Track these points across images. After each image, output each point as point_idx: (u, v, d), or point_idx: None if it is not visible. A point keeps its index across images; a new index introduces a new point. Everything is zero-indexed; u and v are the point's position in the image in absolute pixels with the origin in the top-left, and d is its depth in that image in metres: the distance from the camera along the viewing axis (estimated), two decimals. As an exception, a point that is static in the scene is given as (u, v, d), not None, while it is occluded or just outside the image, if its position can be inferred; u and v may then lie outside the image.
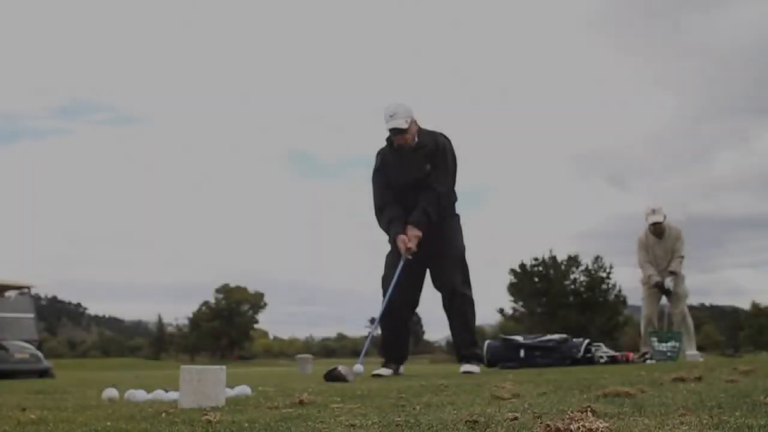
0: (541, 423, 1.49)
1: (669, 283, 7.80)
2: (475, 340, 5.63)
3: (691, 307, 8.26)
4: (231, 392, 3.09)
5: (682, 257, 7.97)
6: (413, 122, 5.37)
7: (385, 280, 5.49)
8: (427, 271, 5.57)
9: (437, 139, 5.42)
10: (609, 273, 45.75)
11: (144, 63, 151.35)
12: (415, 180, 5.37)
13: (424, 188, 5.34)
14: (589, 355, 6.71)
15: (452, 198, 5.60)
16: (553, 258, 46.32)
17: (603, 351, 6.95)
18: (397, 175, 5.46)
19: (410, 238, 5.27)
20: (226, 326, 65.45)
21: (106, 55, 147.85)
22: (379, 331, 5.78)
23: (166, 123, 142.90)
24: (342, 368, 4.48)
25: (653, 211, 7.95)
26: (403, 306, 5.55)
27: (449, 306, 5.50)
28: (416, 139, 5.38)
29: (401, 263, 5.31)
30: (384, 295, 5.45)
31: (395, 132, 5.33)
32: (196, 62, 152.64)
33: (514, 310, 46.93)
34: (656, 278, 7.86)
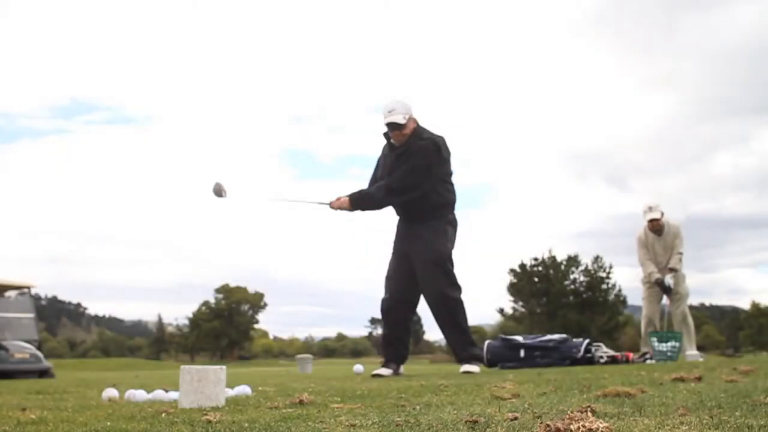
0: (541, 423, 1.49)
1: (669, 280, 7.80)
2: (471, 339, 5.53)
3: (691, 307, 8.24)
4: (231, 392, 3.09)
5: (681, 253, 7.96)
6: (411, 119, 5.36)
7: (388, 280, 5.56)
8: None
9: (419, 141, 5.32)
10: (609, 273, 45.77)
11: (143, 63, 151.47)
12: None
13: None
14: (589, 355, 6.69)
15: (435, 200, 5.41)
16: (553, 258, 46.30)
17: (603, 351, 6.93)
18: (381, 172, 5.56)
19: (338, 200, 5.41)
20: (226, 326, 65.43)
21: (106, 55, 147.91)
22: None
23: (165, 123, 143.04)
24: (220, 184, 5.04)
25: (650, 209, 7.94)
26: (402, 305, 5.55)
27: (435, 311, 5.45)
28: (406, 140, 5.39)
29: (317, 203, 5.57)
30: (386, 293, 5.56)
31: (392, 127, 5.33)
32: (195, 62, 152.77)
33: (514, 310, 46.93)
34: (657, 275, 7.86)
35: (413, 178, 5.30)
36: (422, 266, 5.38)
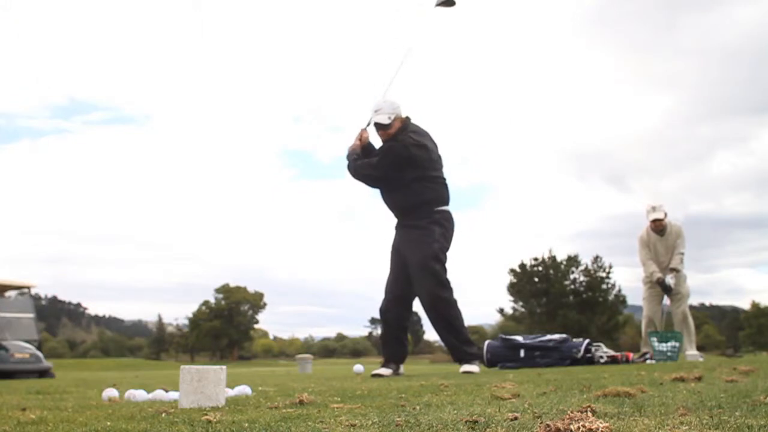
0: (541, 423, 1.49)
1: (670, 280, 7.81)
2: (466, 338, 5.43)
3: (691, 307, 8.25)
4: (231, 392, 3.09)
5: (682, 253, 7.96)
6: (397, 119, 5.44)
7: (387, 280, 5.58)
8: None
9: (391, 142, 5.43)
10: (608, 273, 45.77)
11: (142, 63, 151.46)
12: None
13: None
14: (589, 355, 6.69)
15: (411, 199, 5.47)
16: (553, 258, 46.31)
17: (603, 351, 6.93)
18: None
19: (359, 140, 5.64)
20: (226, 326, 65.41)
21: (105, 55, 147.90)
22: None
23: (165, 123, 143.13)
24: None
25: (653, 209, 7.95)
26: (399, 305, 5.56)
27: (427, 312, 5.46)
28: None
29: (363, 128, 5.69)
30: (384, 293, 5.57)
31: (377, 127, 5.49)
32: (194, 62, 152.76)
33: (514, 310, 46.93)
34: (658, 275, 7.87)
35: (371, 171, 5.51)
36: (412, 268, 5.43)
